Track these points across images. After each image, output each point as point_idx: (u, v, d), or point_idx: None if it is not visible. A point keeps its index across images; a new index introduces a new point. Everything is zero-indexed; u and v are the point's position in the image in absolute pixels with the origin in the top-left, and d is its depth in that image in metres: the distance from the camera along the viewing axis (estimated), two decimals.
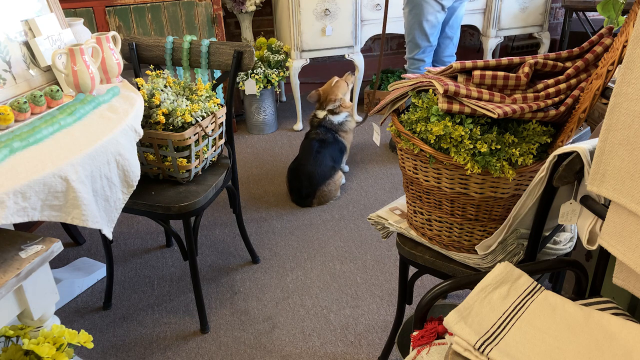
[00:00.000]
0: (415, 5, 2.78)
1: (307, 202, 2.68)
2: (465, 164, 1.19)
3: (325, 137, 2.75)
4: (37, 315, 1.22)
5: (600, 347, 0.97)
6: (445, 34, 2.94)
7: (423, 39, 2.86)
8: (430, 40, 2.86)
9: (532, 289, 1.10)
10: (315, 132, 2.79)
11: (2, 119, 1.33)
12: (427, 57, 2.94)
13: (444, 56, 3.02)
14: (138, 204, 1.76)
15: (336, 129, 2.80)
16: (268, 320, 1.97)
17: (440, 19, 2.81)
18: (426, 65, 2.95)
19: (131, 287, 2.16)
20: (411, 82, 1.33)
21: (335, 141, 2.77)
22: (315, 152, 2.69)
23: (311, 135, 2.80)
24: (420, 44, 2.88)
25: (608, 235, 0.95)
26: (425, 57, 2.93)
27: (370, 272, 2.20)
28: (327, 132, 2.77)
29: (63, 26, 1.70)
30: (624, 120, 0.87)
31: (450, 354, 1.00)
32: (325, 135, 2.76)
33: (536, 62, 1.23)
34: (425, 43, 2.88)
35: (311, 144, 2.73)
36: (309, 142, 2.75)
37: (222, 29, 3.17)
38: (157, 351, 1.85)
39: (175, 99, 1.77)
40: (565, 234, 1.42)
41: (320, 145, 2.72)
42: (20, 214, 1.12)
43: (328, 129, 2.78)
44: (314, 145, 2.72)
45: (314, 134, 2.78)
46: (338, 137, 2.80)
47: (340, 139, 2.81)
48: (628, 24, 1.06)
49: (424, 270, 1.48)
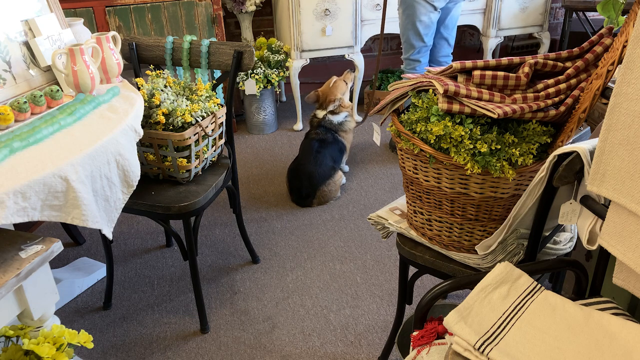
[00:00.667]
0: (408, 6, 2.78)
1: (307, 202, 2.68)
2: (465, 164, 1.19)
3: (325, 137, 2.74)
4: (37, 315, 1.22)
5: (600, 347, 0.97)
6: (441, 34, 2.93)
7: (417, 39, 2.86)
8: (425, 41, 2.86)
9: (532, 289, 1.10)
10: (315, 132, 2.79)
11: (2, 119, 1.33)
12: (422, 58, 2.93)
13: (440, 56, 3.01)
14: (138, 204, 1.76)
15: (336, 128, 2.80)
16: (268, 320, 1.97)
17: (434, 19, 2.80)
18: (422, 66, 2.94)
19: (131, 287, 2.16)
20: (411, 82, 1.33)
21: (335, 141, 2.77)
22: (315, 152, 2.69)
23: (311, 135, 2.80)
24: (414, 45, 2.88)
25: (608, 235, 0.95)
26: (421, 57, 2.93)
27: (370, 272, 2.20)
28: (327, 132, 2.77)
29: (63, 26, 1.70)
30: (624, 120, 0.87)
31: (450, 354, 1.00)
32: (325, 135, 2.76)
33: (536, 62, 1.23)
34: (419, 43, 2.88)
35: (311, 143, 2.73)
36: (309, 142, 2.75)
37: (222, 29, 3.17)
38: (157, 351, 1.85)
39: (175, 99, 1.77)
40: (565, 234, 1.42)
41: (320, 145, 2.72)
42: (20, 214, 1.12)
43: (328, 129, 2.78)
44: (313, 145, 2.72)
45: (314, 133, 2.78)
46: (338, 137, 2.80)
47: (340, 138, 2.80)
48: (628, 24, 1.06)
49: (424, 270, 1.48)
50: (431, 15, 2.77)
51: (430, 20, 2.79)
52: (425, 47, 2.90)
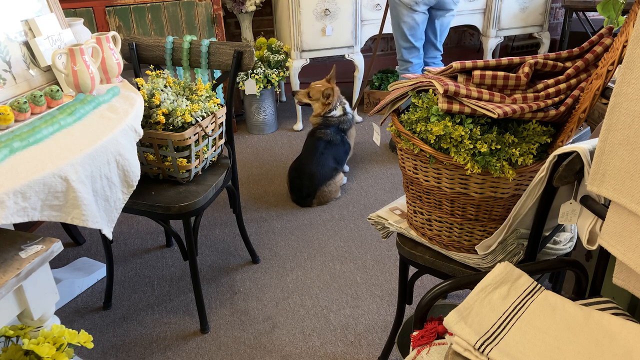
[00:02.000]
0: (392, 7, 2.81)
1: (307, 202, 2.68)
2: (465, 164, 1.19)
3: (334, 139, 2.70)
4: (37, 315, 1.22)
5: (600, 347, 0.97)
6: (428, 38, 2.92)
7: (403, 39, 2.87)
8: (412, 41, 2.85)
9: (532, 289, 1.10)
10: (323, 132, 2.72)
11: (2, 119, 1.33)
12: (413, 59, 2.92)
13: (427, 57, 3.01)
14: (138, 204, 1.76)
15: (349, 125, 2.76)
16: (268, 320, 1.97)
17: (418, 20, 2.78)
18: (415, 67, 2.93)
19: (131, 287, 2.16)
20: (411, 82, 1.33)
21: (342, 142, 2.74)
22: (320, 153, 2.65)
23: (318, 134, 2.72)
24: (402, 45, 2.90)
25: (608, 235, 0.95)
26: (411, 58, 2.92)
27: (370, 272, 2.20)
28: (337, 134, 2.72)
29: (63, 26, 1.70)
30: (624, 120, 0.87)
31: (450, 354, 1.00)
32: (334, 136, 2.71)
33: (536, 62, 1.23)
34: (405, 44, 2.88)
35: (317, 143, 2.68)
36: (315, 142, 2.69)
37: (222, 29, 3.17)
38: (157, 351, 1.85)
39: (175, 99, 1.77)
40: (565, 234, 1.42)
41: (326, 146, 2.68)
42: (20, 214, 1.12)
43: (339, 130, 2.73)
44: (319, 145, 2.67)
45: (321, 133, 2.72)
46: (346, 139, 2.76)
47: (348, 140, 2.77)
48: (628, 24, 1.06)
49: (424, 270, 1.48)
50: (414, 16, 2.77)
51: (414, 22, 2.78)
52: (412, 47, 2.89)
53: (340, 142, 2.73)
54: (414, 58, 2.92)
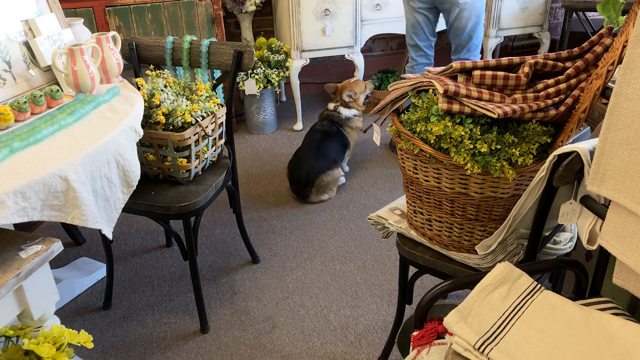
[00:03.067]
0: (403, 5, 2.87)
1: (306, 192, 2.67)
2: (465, 164, 1.19)
3: (330, 129, 2.78)
4: (37, 315, 1.22)
5: (600, 347, 0.97)
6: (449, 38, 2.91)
7: (408, 37, 2.92)
8: (415, 40, 2.85)
9: (532, 289, 1.10)
10: (320, 124, 2.83)
11: (2, 119, 1.33)
12: (418, 58, 2.92)
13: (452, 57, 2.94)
14: (138, 204, 1.75)
15: (342, 122, 2.83)
16: (268, 320, 1.97)
17: (420, 20, 2.79)
18: (419, 66, 2.93)
19: (131, 287, 2.16)
20: (411, 82, 1.33)
21: (339, 134, 2.80)
22: (318, 143, 2.72)
23: (316, 126, 2.84)
24: (407, 42, 2.95)
25: (608, 235, 0.95)
26: (416, 57, 2.92)
27: (370, 272, 2.20)
28: (332, 125, 2.80)
29: (63, 26, 1.70)
30: (624, 120, 0.87)
31: (450, 354, 1.00)
32: (330, 127, 2.79)
33: (536, 62, 1.23)
34: (410, 41, 2.91)
35: (314, 135, 2.78)
36: (312, 133, 2.80)
37: (222, 29, 3.17)
38: (157, 351, 1.85)
39: (175, 99, 1.77)
40: (565, 234, 1.42)
41: (323, 136, 2.75)
42: (20, 214, 1.12)
43: (334, 122, 2.81)
44: (316, 136, 2.76)
45: (319, 125, 2.83)
46: (342, 131, 2.82)
47: (345, 133, 2.83)
48: (628, 24, 1.06)
49: (424, 270, 1.48)
50: (415, 14, 2.77)
51: (415, 20, 2.79)
52: (416, 46, 2.89)
53: (337, 133, 2.80)
54: (418, 57, 2.93)
